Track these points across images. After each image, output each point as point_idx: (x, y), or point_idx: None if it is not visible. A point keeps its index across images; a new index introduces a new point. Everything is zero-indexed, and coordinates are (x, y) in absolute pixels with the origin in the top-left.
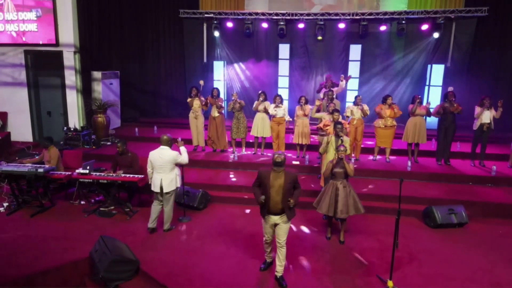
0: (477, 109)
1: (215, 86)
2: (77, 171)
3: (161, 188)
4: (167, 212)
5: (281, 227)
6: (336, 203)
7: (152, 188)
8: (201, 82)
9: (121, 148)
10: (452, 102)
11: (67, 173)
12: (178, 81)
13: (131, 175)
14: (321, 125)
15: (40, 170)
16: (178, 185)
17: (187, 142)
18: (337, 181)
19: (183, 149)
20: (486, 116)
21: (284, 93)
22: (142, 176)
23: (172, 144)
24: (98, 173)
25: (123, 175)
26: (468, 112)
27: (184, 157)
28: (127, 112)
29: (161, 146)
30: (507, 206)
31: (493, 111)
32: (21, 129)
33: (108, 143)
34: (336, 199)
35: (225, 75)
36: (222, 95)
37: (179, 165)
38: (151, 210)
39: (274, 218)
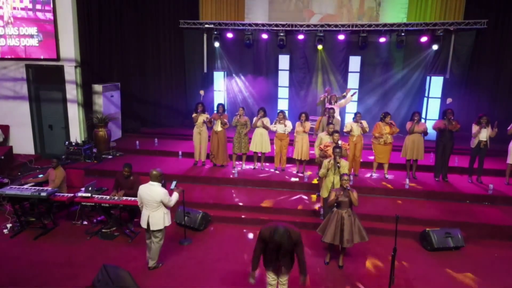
0: (474, 128)
1: (215, 96)
2: (79, 194)
3: (148, 225)
4: (154, 249)
5: (284, 284)
6: (341, 232)
7: (141, 223)
8: (201, 92)
9: (128, 172)
10: (451, 120)
11: (69, 195)
12: (179, 91)
13: (133, 198)
14: (321, 146)
15: (43, 193)
16: (167, 224)
17: (189, 155)
18: (342, 210)
19: (176, 195)
20: (483, 134)
21: (283, 103)
22: None
23: (162, 179)
24: (100, 197)
25: (124, 198)
26: (466, 124)
27: (172, 201)
28: (128, 123)
29: (150, 182)
30: (503, 227)
31: (489, 129)
32: (23, 142)
33: (109, 157)
34: (342, 228)
35: (225, 86)
36: None
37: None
38: (146, 246)
39: (277, 277)
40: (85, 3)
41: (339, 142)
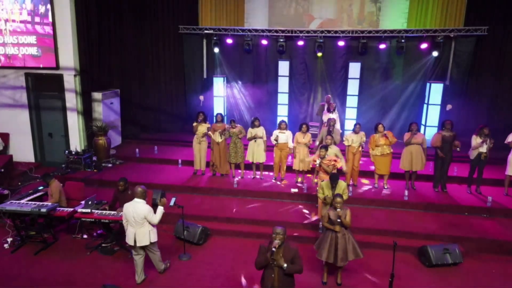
0: (474, 140)
1: (215, 101)
2: (79, 210)
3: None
4: (155, 259)
5: None
6: (336, 250)
7: (126, 240)
8: (201, 98)
9: (123, 186)
10: (455, 145)
11: (69, 209)
12: (178, 97)
13: None
14: (312, 160)
15: (43, 209)
16: (153, 240)
17: (189, 163)
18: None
19: (160, 209)
20: (484, 146)
21: (283, 110)
22: None
23: (146, 196)
24: (99, 212)
25: (121, 213)
26: (466, 131)
27: (156, 218)
28: (128, 129)
29: (135, 199)
30: (501, 242)
31: (490, 140)
32: (23, 150)
33: (109, 165)
34: (336, 247)
35: (225, 91)
36: (222, 111)
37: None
38: (134, 263)
39: None
40: (84, 11)
41: (322, 160)
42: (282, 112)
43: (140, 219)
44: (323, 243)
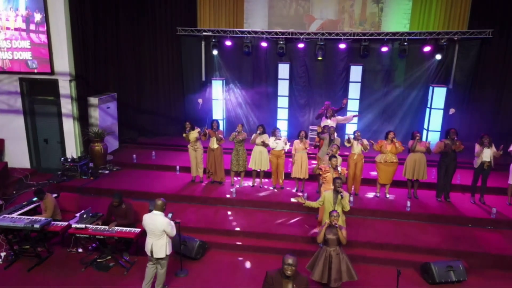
0: (477, 147)
1: (214, 104)
2: (73, 225)
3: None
4: (161, 275)
5: None
6: (329, 270)
7: (145, 250)
8: (200, 101)
9: (117, 202)
10: (454, 140)
11: (63, 224)
12: (177, 100)
13: (128, 230)
14: (322, 166)
15: (36, 225)
16: (168, 252)
17: (186, 170)
18: (329, 248)
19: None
20: (487, 155)
21: (283, 113)
22: (139, 230)
23: (165, 209)
24: (94, 227)
25: (116, 228)
26: (469, 136)
27: (174, 230)
28: (126, 133)
29: (154, 211)
30: (506, 257)
31: (493, 148)
32: (18, 156)
33: (106, 172)
34: (330, 266)
35: (224, 94)
36: (220, 114)
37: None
38: (145, 272)
39: None
40: (79, 14)
41: (339, 168)
42: (282, 116)
43: (159, 232)
44: (316, 263)
